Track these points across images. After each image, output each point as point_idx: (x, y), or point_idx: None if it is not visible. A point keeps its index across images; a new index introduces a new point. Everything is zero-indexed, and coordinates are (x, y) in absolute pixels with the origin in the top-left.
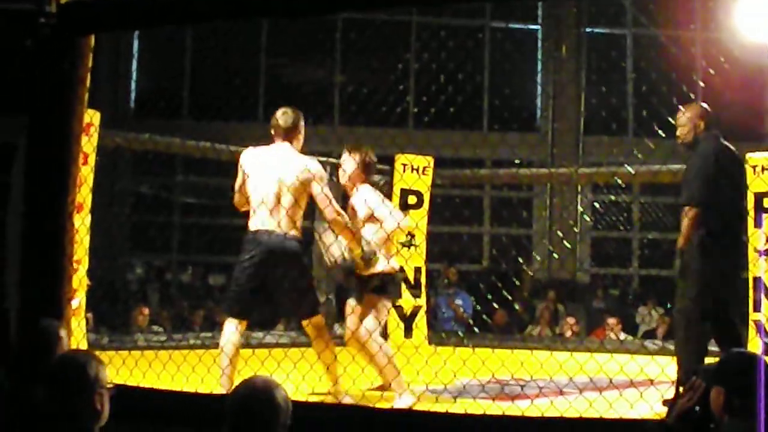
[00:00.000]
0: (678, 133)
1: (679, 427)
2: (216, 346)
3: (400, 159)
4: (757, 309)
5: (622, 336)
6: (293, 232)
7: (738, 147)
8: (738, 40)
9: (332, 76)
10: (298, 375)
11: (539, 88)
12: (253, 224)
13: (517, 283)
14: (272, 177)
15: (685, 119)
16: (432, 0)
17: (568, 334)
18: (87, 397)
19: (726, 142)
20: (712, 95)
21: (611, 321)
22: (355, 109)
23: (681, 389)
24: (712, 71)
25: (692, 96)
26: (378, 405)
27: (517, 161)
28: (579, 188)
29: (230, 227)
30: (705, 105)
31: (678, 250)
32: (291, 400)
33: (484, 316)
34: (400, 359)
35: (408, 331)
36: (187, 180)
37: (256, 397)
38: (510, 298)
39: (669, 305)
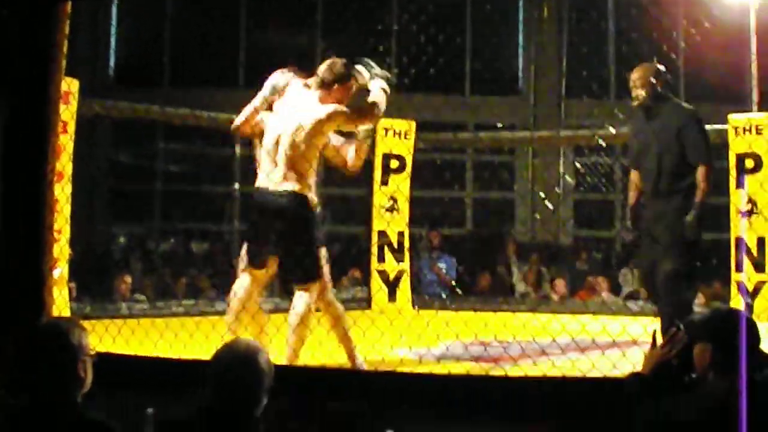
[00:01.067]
0: (634, 94)
1: (654, 378)
2: (199, 313)
3: (382, 123)
4: (739, 269)
5: (609, 296)
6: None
7: (719, 108)
8: (720, 1)
9: (313, 41)
10: (281, 339)
11: (520, 51)
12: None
13: (498, 247)
14: (280, 125)
15: (640, 80)
16: None
17: (555, 297)
18: (70, 365)
19: None
20: (693, 56)
21: (600, 280)
22: None
23: (659, 341)
24: (693, 31)
25: (673, 56)
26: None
27: (499, 124)
28: (561, 150)
29: (212, 194)
30: (659, 65)
31: (630, 208)
32: (273, 364)
33: (467, 279)
34: (383, 322)
35: (392, 295)
36: (167, 147)
37: (238, 360)
38: (490, 263)
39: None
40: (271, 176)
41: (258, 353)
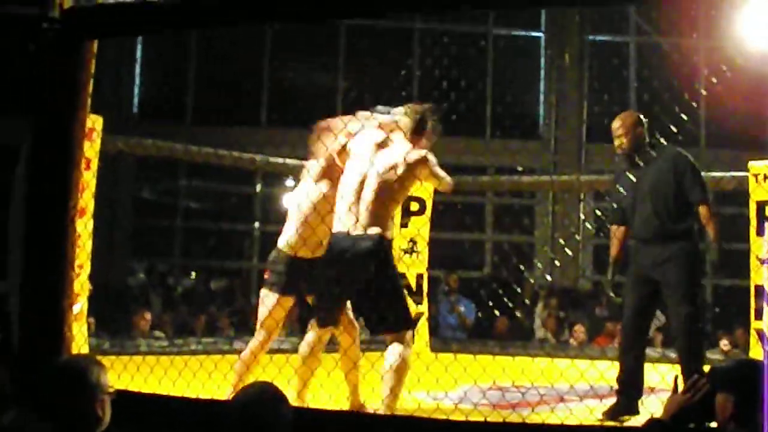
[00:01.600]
0: (617, 142)
1: (675, 425)
2: (218, 351)
3: None
4: (758, 317)
5: None
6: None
7: (740, 155)
8: (741, 49)
9: (335, 81)
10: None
11: (542, 96)
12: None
13: (517, 292)
14: (364, 167)
15: (623, 128)
16: (435, 6)
17: (574, 342)
18: (88, 403)
19: None
20: (715, 103)
21: (619, 326)
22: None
23: (681, 386)
24: (714, 80)
25: (694, 104)
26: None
27: (519, 168)
28: (581, 195)
29: (232, 232)
30: (639, 114)
31: (614, 262)
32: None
33: (486, 323)
34: None
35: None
36: (190, 185)
37: (260, 404)
38: (510, 306)
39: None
40: (350, 219)
41: (279, 397)
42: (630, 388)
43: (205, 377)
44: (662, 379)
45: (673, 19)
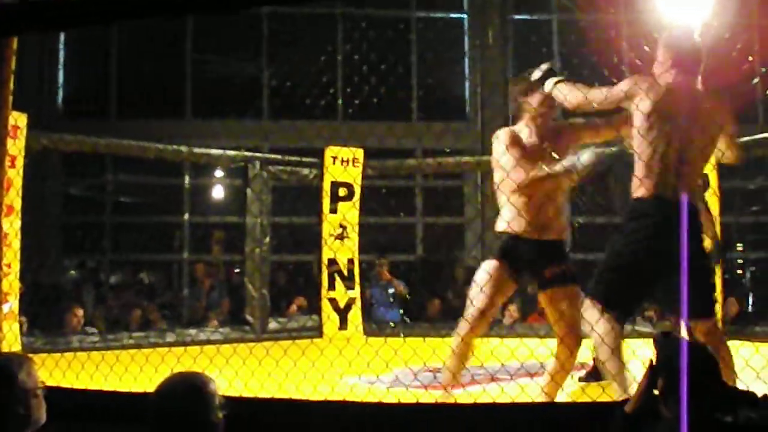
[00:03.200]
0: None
1: (635, 413)
2: (150, 345)
3: (329, 152)
4: None
5: None
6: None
7: None
8: (661, 24)
9: (259, 70)
10: (231, 371)
11: (467, 77)
12: None
13: (448, 274)
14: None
15: None
16: None
17: (507, 321)
18: (18, 402)
19: None
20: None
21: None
22: (283, 102)
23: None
24: (635, 56)
25: (615, 81)
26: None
27: (446, 150)
28: None
29: (162, 225)
30: None
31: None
32: (223, 395)
33: (417, 308)
34: (333, 351)
35: (342, 323)
36: (117, 179)
37: (181, 392)
38: (442, 287)
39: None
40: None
41: (203, 385)
42: None
43: (137, 371)
44: (592, 353)
45: None
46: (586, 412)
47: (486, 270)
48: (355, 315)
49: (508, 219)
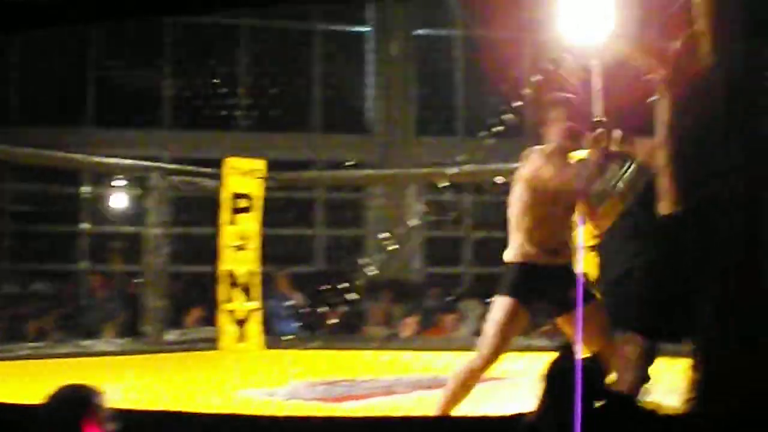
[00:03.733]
0: None
1: (536, 425)
2: (46, 356)
3: (229, 162)
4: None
5: (458, 333)
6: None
7: None
8: (561, 43)
9: (161, 79)
10: (126, 383)
11: (370, 90)
12: None
13: (347, 286)
14: None
15: None
16: (260, 2)
17: (405, 334)
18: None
19: None
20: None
21: (448, 319)
22: (184, 112)
23: None
24: (537, 74)
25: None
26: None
27: (348, 162)
28: (410, 188)
29: (60, 234)
30: None
31: None
32: (115, 408)
33: (316, 320)
34: (232, 363)
35: (240, 335)
36: (16, 187)
37: (68, 405)
38: (341, 300)
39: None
40: None
41: (91, 397)
42: None
43: (29, 382)
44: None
45: (496, 12)
46: (488, 425)
47: (499, 308)
48: (254, 327)
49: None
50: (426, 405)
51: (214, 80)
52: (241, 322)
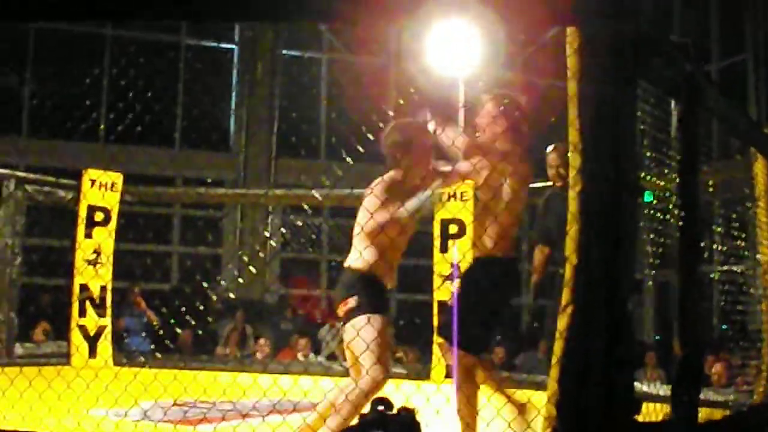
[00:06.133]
0: (554, 172)
1: None
2: None
3: (88, 174)
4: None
5: (312, 357)
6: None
7: None
8: (427, 73)
9: (21, 86)
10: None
11: (233, 108)
12: None
13: (202, 305)
14: None
15: (561, 159)
16: (125, 15)
17: (259, 355)
18: None
19: None
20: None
21: (302, 342)
22: (44, 121)
23: None
24: (401, 101)
25: (381, 125)
26: None
27: (208, 180)
28: (270, 209)
29: None
30: None
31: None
32: None
33: (169, 338)
34: (80, 383)
35: (92, 351)
36: None
37: None
38: (195, 319)
39: None
40: None
41: None
42: None
43: None
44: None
45: (364, 38)
46: None
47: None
48: (105, 344)
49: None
50: (283, 430)
51: (77, 89)
52: (92, 338)
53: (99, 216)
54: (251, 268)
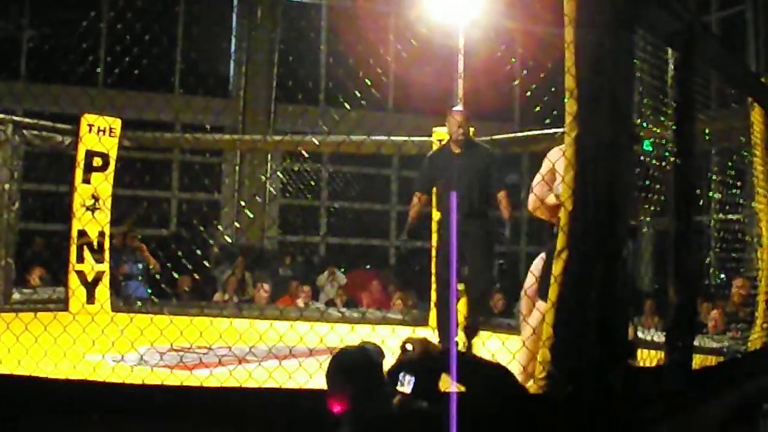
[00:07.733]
0: (462, 131)
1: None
2: None
3: (86, 119)
4: None
5: (312, 304)
6: None
7: (423, 121)
8: (426, 20)
9: (19, 30)
10: None
11: (232, 53)
12: None
13: (200, 251)
14: None
15: (465, 122)
16: None
17: (259, 301)
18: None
19: None
20: (402, 70)
21: (305, 289)
22: (41, 65)
23: None
24: (400, 47)
25: (380, 71)
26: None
27: (207, 126)
28: (269, 155)
29: None
30: None
31: (411, 223)
32: None
33: (168, 282)
34: (77, 328)
35: (90, 297)
36: None
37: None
38: (193, 265)
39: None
40: None
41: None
42: (443, 330)
43: None
44: (341, 341)
45: None
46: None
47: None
48: (103, 289)
49: None
50: (278, 376)
51: (75, 34)
52: (90, 284)
53: (97, 161)
54: (248, 212)
